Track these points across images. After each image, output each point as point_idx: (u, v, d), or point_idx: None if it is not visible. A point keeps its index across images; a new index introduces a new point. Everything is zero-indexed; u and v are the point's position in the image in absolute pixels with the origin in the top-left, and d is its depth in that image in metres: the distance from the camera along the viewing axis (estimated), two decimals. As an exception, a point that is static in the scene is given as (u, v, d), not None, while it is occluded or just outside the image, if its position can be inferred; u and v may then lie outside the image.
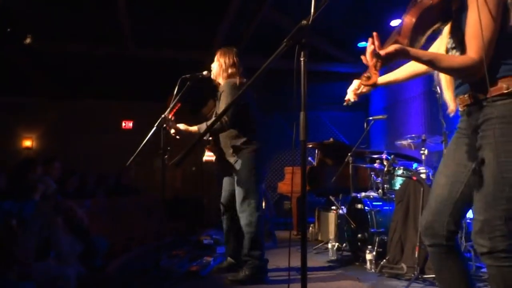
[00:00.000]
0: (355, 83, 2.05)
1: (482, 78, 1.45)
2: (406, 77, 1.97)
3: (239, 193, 3.32)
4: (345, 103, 2.07)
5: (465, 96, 1.61)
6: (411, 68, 1.93)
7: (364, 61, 1.47)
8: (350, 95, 2.05)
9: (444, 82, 1.75)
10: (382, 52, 1.43)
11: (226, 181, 3.59)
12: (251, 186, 3.31)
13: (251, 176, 3.31)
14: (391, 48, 1.44)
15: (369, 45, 1.45)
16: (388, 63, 1.47)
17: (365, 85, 1.48)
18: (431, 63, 1.53)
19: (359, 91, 2.02)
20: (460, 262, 1.68)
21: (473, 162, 1.59)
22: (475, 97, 1.57)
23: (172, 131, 3.25)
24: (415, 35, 1.51)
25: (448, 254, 1.67)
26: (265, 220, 4.77)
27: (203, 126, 3.32)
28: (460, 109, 1.69)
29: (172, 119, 3.24)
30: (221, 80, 3.46)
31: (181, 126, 3.33)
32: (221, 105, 3.35)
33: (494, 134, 1.48)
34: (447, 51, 1.69)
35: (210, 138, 3.47)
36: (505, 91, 1.48)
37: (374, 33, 1.45)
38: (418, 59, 1.53)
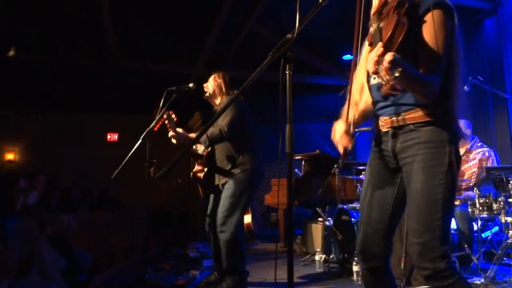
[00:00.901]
0: (339, 127, 1.72)
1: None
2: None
3: (223, 207, 3.23)
4: (342, 159, 1.93)
5: (394, 118, 1.58)
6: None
7: (371, 68, 1.31)
8: (344, 142, 1.68)
9: (352, 101, 1.69)
10: (389, 57, 1.26)
11: (213, 199, 3.53)
12: (238, 204, 3.24)
13: (241, 194, 3.24)
14: (391, 55, 1.27)
15: (377, 49, 1.30)
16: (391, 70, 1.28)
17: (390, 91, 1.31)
18: (419, 78, 1.44)
19: (351, 131, 1.70)
20: (391, 279, 1.70)
21: (397, 183, 1.64)
22: (405, 120, 1.55)
23: (171, 133, 3.22)
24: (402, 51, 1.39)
25: (384, 274, 1.68)
26: None
27: (203, 137, 3.24)
28: (382, 130, 1.65)
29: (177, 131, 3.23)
30: (218, 100, 3.48)
31: (180, 130, 3.30)
32: (223, 117, 3.28)
33: (424, 159, 1.51)
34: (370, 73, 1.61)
35: (204, 152, 3.45)
36: (428, 119, 1.51)
37: (380, 43, 1.33)
38: (408, 72, 1.36)
